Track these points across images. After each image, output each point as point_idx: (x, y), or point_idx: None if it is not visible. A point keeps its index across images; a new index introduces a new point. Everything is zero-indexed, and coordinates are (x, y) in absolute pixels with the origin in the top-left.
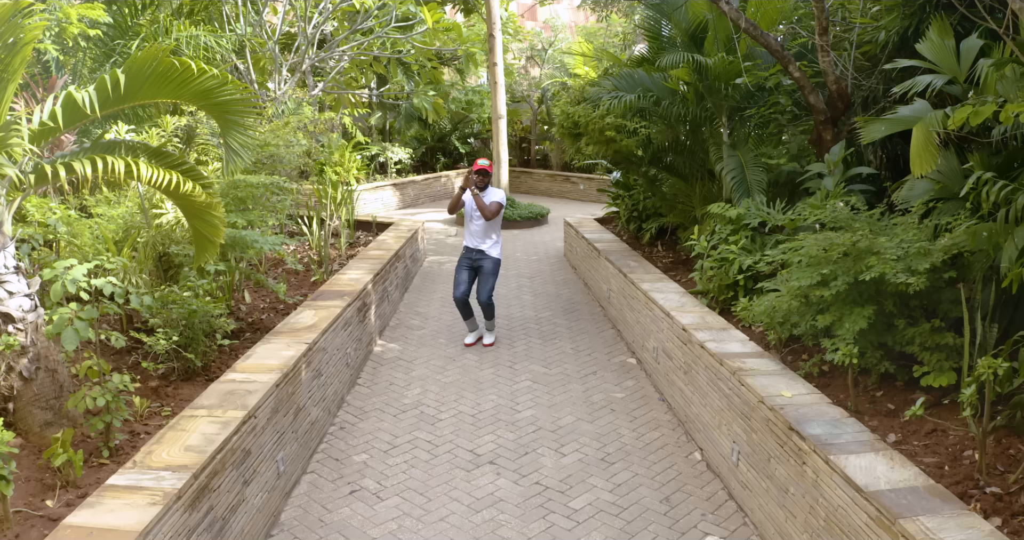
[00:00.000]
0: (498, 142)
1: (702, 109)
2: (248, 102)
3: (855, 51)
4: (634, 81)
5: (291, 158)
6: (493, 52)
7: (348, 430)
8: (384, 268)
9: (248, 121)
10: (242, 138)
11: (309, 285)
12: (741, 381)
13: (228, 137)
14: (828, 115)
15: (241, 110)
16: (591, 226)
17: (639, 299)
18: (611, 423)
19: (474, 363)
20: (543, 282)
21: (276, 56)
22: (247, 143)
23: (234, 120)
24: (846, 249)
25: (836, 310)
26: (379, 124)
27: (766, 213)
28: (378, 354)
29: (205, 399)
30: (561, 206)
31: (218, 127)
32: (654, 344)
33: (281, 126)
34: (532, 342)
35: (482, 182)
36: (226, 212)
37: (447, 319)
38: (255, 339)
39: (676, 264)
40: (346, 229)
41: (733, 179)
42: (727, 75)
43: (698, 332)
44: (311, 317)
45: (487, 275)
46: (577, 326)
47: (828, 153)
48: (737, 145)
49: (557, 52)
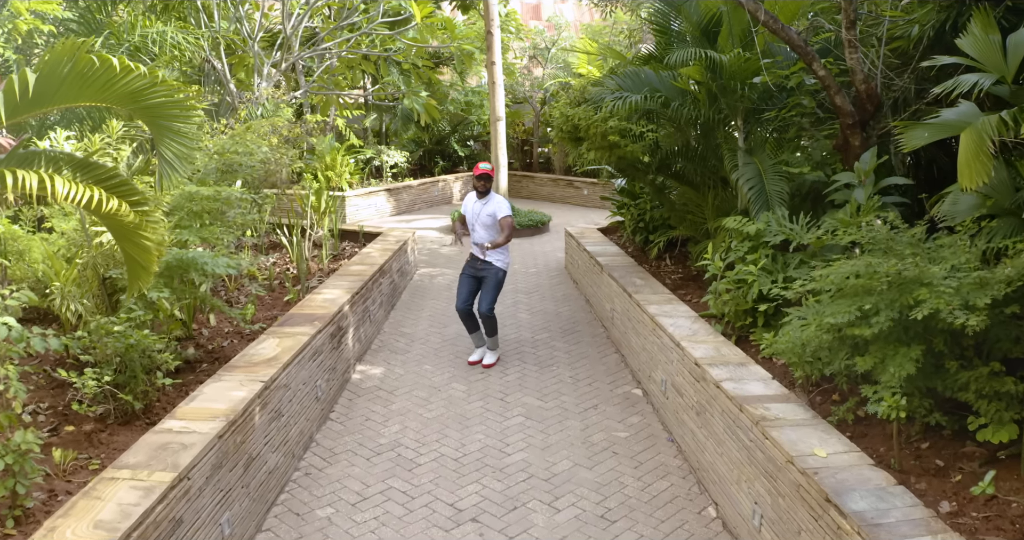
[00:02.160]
0: (497, 145)
1: (715, 111)
2: (184, 105)
3: (884, 47)
4: (640, 80)
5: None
6: (491, 50)
7: (314, 477)
8: (365, 286)
9: (183, 127)
10: (178, 147)
11: (282, 305)
12: (765, 434)
13: (161, 146)
14: (856, 118)
15: (176, 114)
16: (594, 237)
17: (645, 323)
18: (613, 470)
19: (461, 394)
20: (541, 298)
21: (256, 54)
22: (183, 154)
23: (167, 126)
24: (891, 279)
25: (878, 350)
26: (375, 126)
27: (789, 229)
28: (356, 383)
29: (132, 455)
30: (564, 212)
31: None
32: (662, 376)
33: (243, 131)
34: (527, 369)
35: (483, 187)
36: (179, 228)
37: (434, 341)
38: (212, 370)
39: (686, 281)
40: (330, 240)
41: (751, 189)
42: (743, 73)
43: (713, 368)
44: (273, 347)
45: (489, 285)
46: (577, 350)
47: (858, 161)
48: (754, 151)
49: (560, 51)
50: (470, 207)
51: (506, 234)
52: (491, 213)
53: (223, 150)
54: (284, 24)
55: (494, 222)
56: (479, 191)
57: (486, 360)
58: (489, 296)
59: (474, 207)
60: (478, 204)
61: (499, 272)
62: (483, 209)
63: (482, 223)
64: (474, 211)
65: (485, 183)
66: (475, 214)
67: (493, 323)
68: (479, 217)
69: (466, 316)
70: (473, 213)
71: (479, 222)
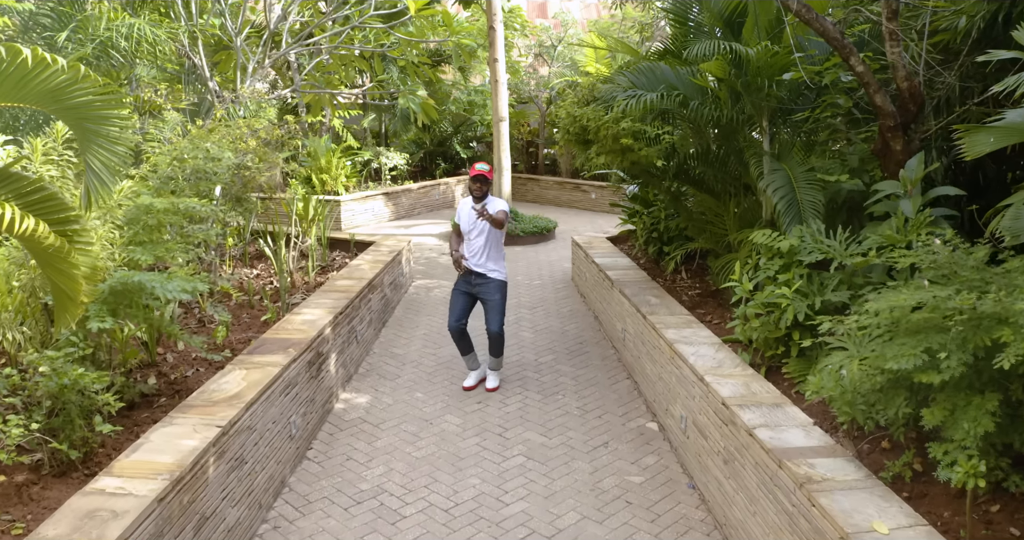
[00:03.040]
0: (499, 147)
1: (738, 111)
2: (112, 103)
3: (925, 41)
4: (656, 77)
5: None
6: (493, 47)
7: (284, 531)
8: (352, 304)
9: (114, 132)
10: (106, 155)
11: (259, 325)
12: (812, 499)
13: (88, 153)
14: (898, 119)
15: (104, 116)
16: (603, 247)
17: (662, 350)
18: (626, 524)
19: (455, 429)
20: (546, 314)
21: (239, 49)
22: (113, 163)
23: (95, 130)
24: (966, 315)
25: (946, 399)
26: (374, 127)
27: (827, 247)
28: (339, 414)
29: (53, 525)
30: (571, 217)
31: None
32: (682, 412)
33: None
34: (529, 398)
35: (480, 191)
36: (133, 244)
37: (428, 364)
38: (172, 405)
39: (704, 297)
40: (318, 250)
41: (781, 199)
42: (771, 69)
43: (744, 411)
44: (238, 381)
45: (495, 302)
46: (585, 375)
47: (899, 167)
48: (782, 156)
49: (568, 46)
50: (466, 214)
51: (501, 220)
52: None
53: (181, 156)
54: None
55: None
56: (476, 195)
57: (489, 383)
58: (497, 314)
59: (471, 214)
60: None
61: (500, 285)
62: None
63: (480, 230)
64: (471, 218)
65: (482, 186)
66: (472, 221)
67: (501, 342)
68: (477, 224)
69: (459, 336)
70: (470, 220)
71: (476, 229)
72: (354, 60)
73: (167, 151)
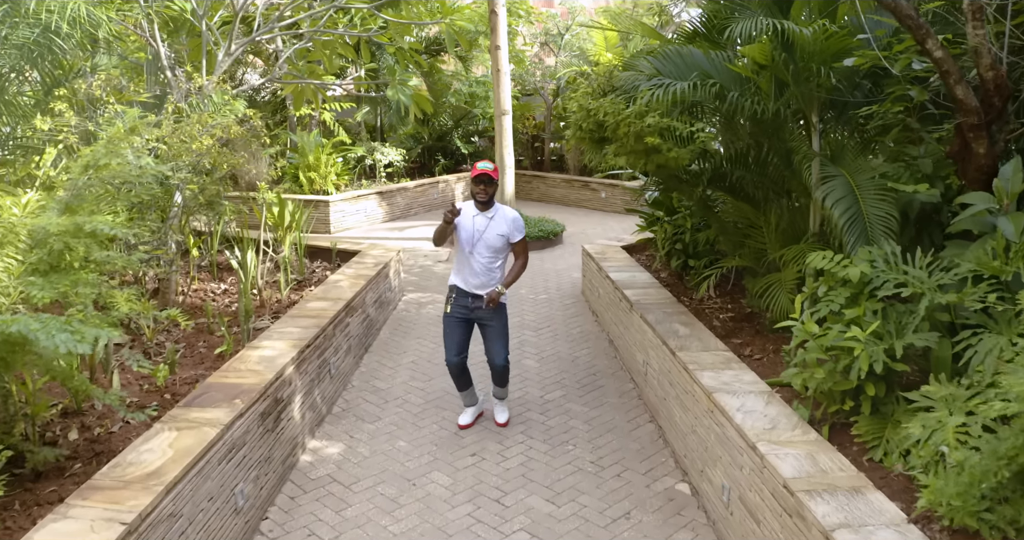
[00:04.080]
0: (502, 143)
1: (784, 104)
2: None
3: (1009, 20)
4: (685, 63)
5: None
6: (495, 33)
7: None
8: (324, 332)
9: None
10: None
11: (213, 359)
12: None
13: None
14: (982, 116)
15: None
16: (618, 259)
17: (697, 398)
18: None
19: (443, 492)
20: (553, 337)
21: (204, 35)
22: None
23: None
24: None
25: None
26: (369, 120)
27: (909, 277)
28: (304, 470)
29: None
30: (579, 219)
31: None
32: (724, 481)
33: (125, 135)
34: (534, 448)
35: (485, 194)
36: (36, 275)
37: (414, 402)
38: (85, 475)
39: (738, 322)
40: (293, 259)
41: (843, 213)
42: (825, 54)
43: (814, 499)
44: (164, 449)
45: (497, 328)
46: (600, 418)
47: (986, 174)
48: (837, 158)
49: (576, 37)
50: (469, 222)
51: (522, 262)
52: (502, 233)
53: (95, 162)
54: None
55: (505, 245)
56: (480, 200)
57: (499, 417)
58: (501, 343)
59: (475, 222)
60: (480, 218)
61: (502, 310)
62: (489, 226)
63: (488, 245)
64: (475, 228)
65: (486, 188)
66: (477, 232)
67: (508, 371)
68: (483, 236)
69: (459, 372)
70: (474, 231)
71: (483, 243)
72: (339, 47)
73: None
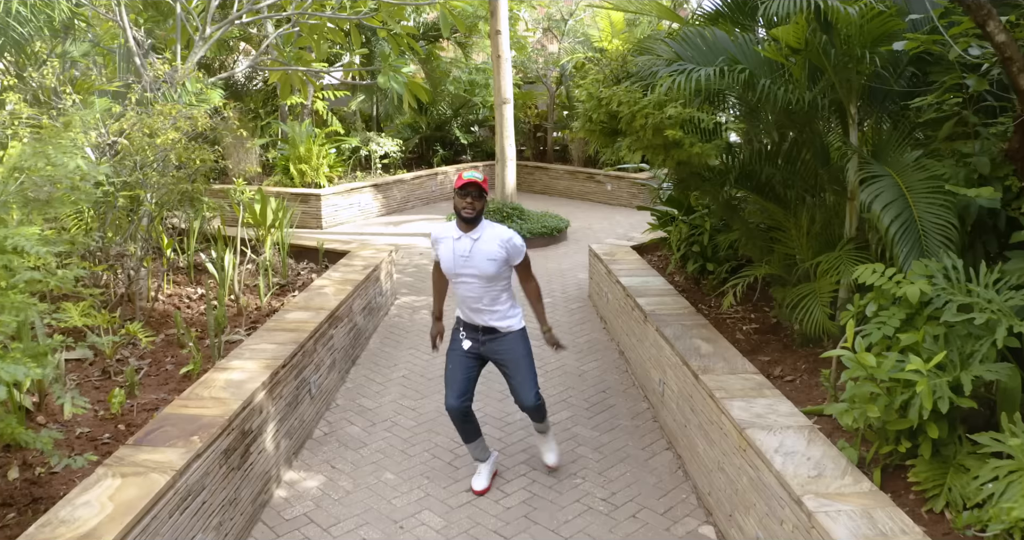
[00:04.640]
0: (502, 133)
1: (821, 93)
2: None
3: None
4: (709, 47)
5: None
6: (495, 16)
7: None
8: (302, 349)
9: None
10: None
11: (178, 379)
12: None
13: None
14: None
15: None
16: (628, 261)
17: (725, 431)
18: None
19: (434, 537)
20: None
21: (179, 18)
22: None
23: None
24: None
25: None
26: (364, 109)
27: (978, 298)
28: (278, 508)
29: None
30: (584, 212)
31: None
32: (758, 532)
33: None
34: (537, 482)
35: (472, 209)
36: None
37: (405, 425)
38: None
39: (763, 334)
40: (276, 260)
41: (894, 220)
42: (869, 36)
43: None
44: (103, 501)
45: (518, 361)
46: (612, 445)
47: None
48: (879, 154)
49: (580, 23)
50: (450, 246)
51: (535, 288)
52: (493, 257)
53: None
54: None
55: (501, 272)
56: (465, 217)
57: (549, 460)
58: (528, 377)
59: (458, 246)
60: (465, 240)
61: (520, 336)
62: (475, 248)
63: (477, 273)
64: (458, 253)
65: (474, 202)
66: (461, 257)
67: (543, 408)
68: (470, 260)
69: (462, 418)
70: (458, 256)
71: (470, 272)
72: (327, 31)
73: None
